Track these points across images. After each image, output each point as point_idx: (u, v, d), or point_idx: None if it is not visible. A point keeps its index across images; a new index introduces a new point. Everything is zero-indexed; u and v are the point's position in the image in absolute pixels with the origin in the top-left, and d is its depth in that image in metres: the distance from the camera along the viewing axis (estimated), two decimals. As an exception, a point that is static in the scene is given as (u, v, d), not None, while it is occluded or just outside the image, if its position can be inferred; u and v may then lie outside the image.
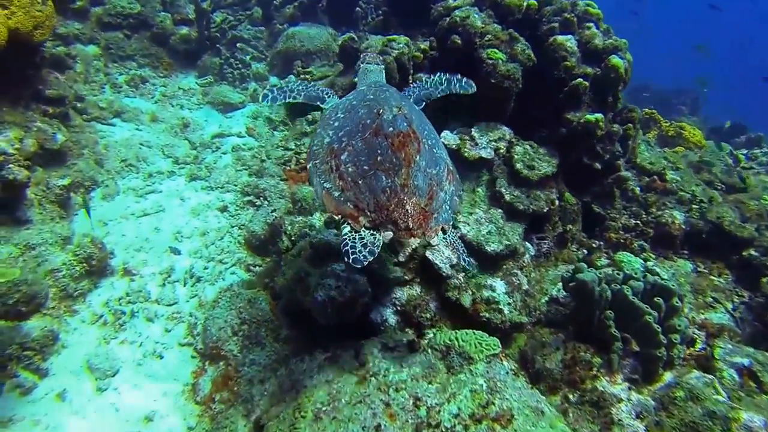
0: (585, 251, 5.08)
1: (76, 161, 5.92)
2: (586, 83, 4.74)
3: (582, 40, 4.98)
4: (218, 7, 8.61)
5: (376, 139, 2.73)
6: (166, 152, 6.59)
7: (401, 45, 5.48)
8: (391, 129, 2.74)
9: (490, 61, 4.72)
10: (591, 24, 5.11)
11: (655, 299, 3.56)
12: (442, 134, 4.82)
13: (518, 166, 4.53)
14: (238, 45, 8.74)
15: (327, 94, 3.67)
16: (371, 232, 2.61)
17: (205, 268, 5.21)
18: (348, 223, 2.69)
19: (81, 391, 4.03)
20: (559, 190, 4.92)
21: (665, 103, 14.42)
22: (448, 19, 5.11)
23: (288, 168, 6.19)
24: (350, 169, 2.70)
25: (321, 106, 3.61)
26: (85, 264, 4.80)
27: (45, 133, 5.51)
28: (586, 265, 3.88)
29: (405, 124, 2.77)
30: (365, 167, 2.67)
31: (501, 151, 4.71)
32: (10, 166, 4.60)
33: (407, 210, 2.59)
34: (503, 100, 4.82)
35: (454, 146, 4.68)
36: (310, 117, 6.70)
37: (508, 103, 4.87)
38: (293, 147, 6.55)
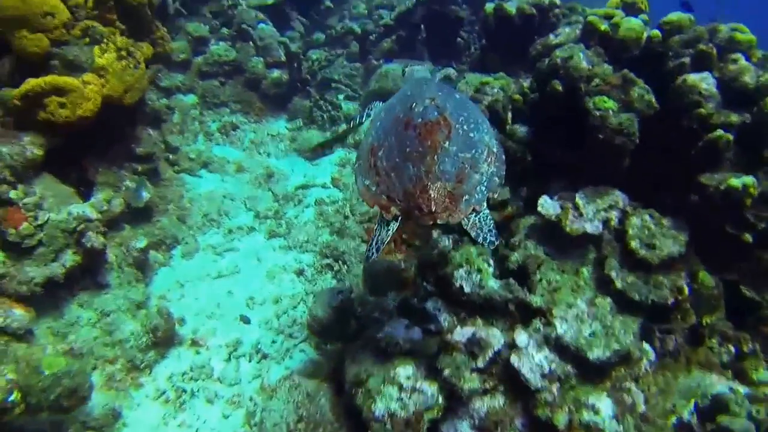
0: (732, 348, 4.07)
1: (161, 218, 6.17)
2: (729, 136, 3.81)
3: (724, 77, 4.05)
4: (314, 46, 8.71)
5: (407, 131, 3.00)
6: (249, 205, 6.64)
7: (495, 90, 4.94)
8: (420, 120, 3.00)
9: (598, 113, 4.01)
10: (738, 55, 4.15)
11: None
12: (541, 200, 4.17)
13: (634, 244, 3.75)
14: (333, 86, 8.76)
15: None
16: (387, 228, 2.90)
17: (273, 342, 5.05)
18: (381, 213, 2.95)
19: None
20: (692, 268, 3.99)
21: None
22: (547, 60, 4.48)
23: (371, 227, 5.89)
24: (384, 164, 2.99)
25: None
26: (151, 335, 4.85)
27: (132, 192, 5.78)
28: (733, 395, 3.00)
29: (435, 113, 3.02)
30: (397, 160, 2.95)
31: (612, 223, 3.95)
32: (90, 233, 4.81)
33: (431, 195, 2.80)
34: (615, 159, 4.06)
35: (553, 217, 4.02)
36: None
37: (622, 161, 4.09)
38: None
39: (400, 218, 2.92)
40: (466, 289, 3.89)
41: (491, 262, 4.07)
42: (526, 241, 4.16)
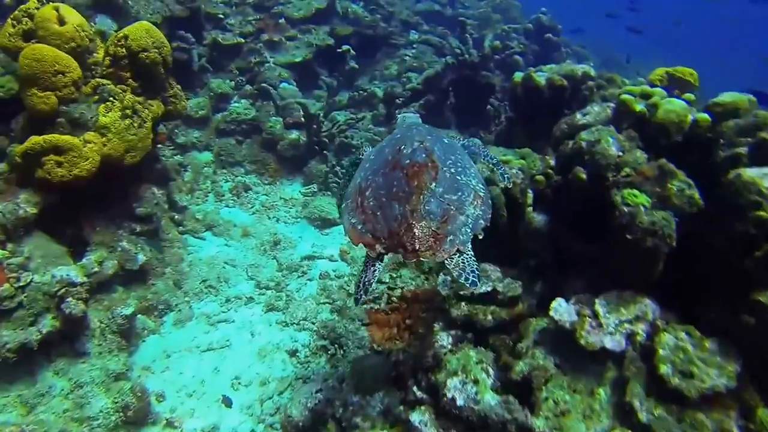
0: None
1: (157, 281, 5.92)
2: (790, 247, 3.29)
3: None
4: (336, 107, 8.61)
5: (394, 172, 3.12)
6: (250, 273, 6.35)
7: (514, 171, 4.57)
8: (407, 161, 3.12)
9: (627, 209, 3.58)
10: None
11: None
12: (555, 303, 3.70)
13: (665, 369, 3.21)
14: (353, 151, 8.58)
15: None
16: (374, 268, 3.03)
17: (252, 432, 4.59)
18: (366, 252, 3.05)
19: None
20: (746, 404, 3.37)
21: None
22: (571, 142, 4.10)
23: (375, 309, 5.46)
24: (371, 203, 3.10)
25: None
26: (121, 413, 4.50)
27: (128, 253, 5.61)
28: None
29: (423, 155, 3.14)
30: (383, 199, 3.06)
31: (638, 338, 3.43)
32: (69, 299, 4.59)
33: (415, 233, 2.89)
34: (645, 264, 3.58)
35: (567, 325, 3.53)
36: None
37: (654, 267, 3.61)
38: (387, 280, 5.84)
39: (384, 258, 3.06)
40: (459, 402, 3.43)
41: (491, 371, 3.61)
42: (535, 348, 3.67)
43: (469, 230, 3.06)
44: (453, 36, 11.07)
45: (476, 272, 2.99)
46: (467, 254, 3.03)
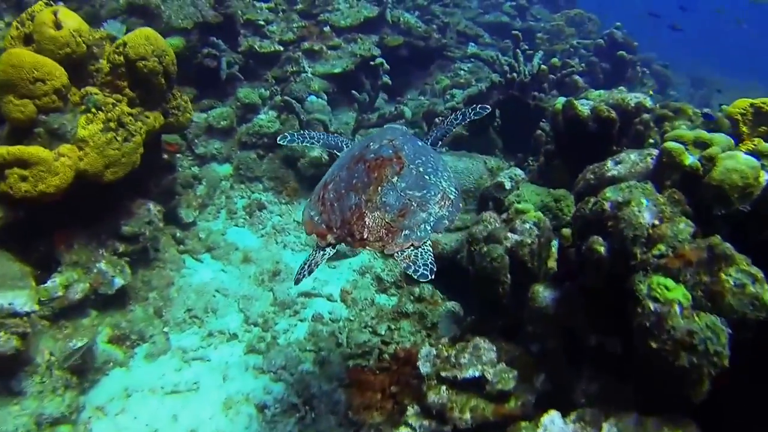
0: None
1: (137, 306, 5.46)
2: None
3: None
4: (366, 125, 7.87)
5: (357, 165, 3.16)
6: (242, 305, 5.75)
7: (528, 226, 3.63)
8: (372, 156, 3.18)
9: (654, 305, 2.58)
10: None
11: None
12: (546, 418, 2.76)
13: None
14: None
15: (346, 144, 4.04)
16: (323, 252, 3.05)
17: None
18: (317, 242, 3.09)
19: None
20: None
21: None
22: (592, 201, 3.09)
23: (360, 367, 4.67)
24: (331, 195, 3.15)
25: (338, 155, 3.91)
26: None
27: (104, 276, 5.16)
28: None
29: (390, 151, 3.19)
30: (342, 191, 3.10)
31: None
32: (1, 334, 4.09)
33: (365, 222, 2.91)
34: (680, 383, 2.54)
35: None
36: (417, 291, 5.16)
37: (695, 388, 2.55)
38: (383, 332, 5.04)
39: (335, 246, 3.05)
40: None
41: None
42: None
43: (429, 228, 3.01)
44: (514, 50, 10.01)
45: (429, 266, 2.89)
46: (423, 249, 2.96)
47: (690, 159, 3.11)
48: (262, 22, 8.88)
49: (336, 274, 6.22)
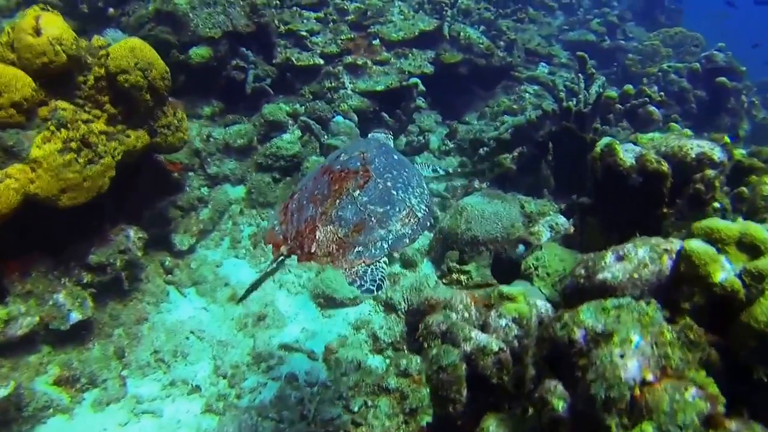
0: None
1: (97, 344, 4.90)
2: None
3: None
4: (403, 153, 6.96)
5: (323, 177, 3.11)
6: (215, 352, 5.04)
7: (503, 323, 2.58)
8: (338, 167, 3.10)
9: None
10: None
11: None
12: None
13: None
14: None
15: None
16: (275, 267, 3.11)
17: None
18: (271, 252, 3.08)
19: None
20: None
21: None
22: (568, 316, 1.97)
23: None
24: (294, 206, 3.11)
25: None
26: None
27: (59, 309, 4.64)
28: None
29: (358, 164, 3.11)
30: (304, 202, 3.05)
31: None
32: None
33: (316, 236, 2.83)
34: None
35: None
36: (404, 363, 4.17)
37: None
38: (357, 408, 4.12)
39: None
40: None
41: None
42: None
43: (386, 246, 2.90)
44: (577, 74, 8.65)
45: (377, 282, 2.78)
46: (375, 265, 2.84)
47: (723, 273, 1.86)
48: (304, 33, 8.26)
49: (328, 326, 5.34)
